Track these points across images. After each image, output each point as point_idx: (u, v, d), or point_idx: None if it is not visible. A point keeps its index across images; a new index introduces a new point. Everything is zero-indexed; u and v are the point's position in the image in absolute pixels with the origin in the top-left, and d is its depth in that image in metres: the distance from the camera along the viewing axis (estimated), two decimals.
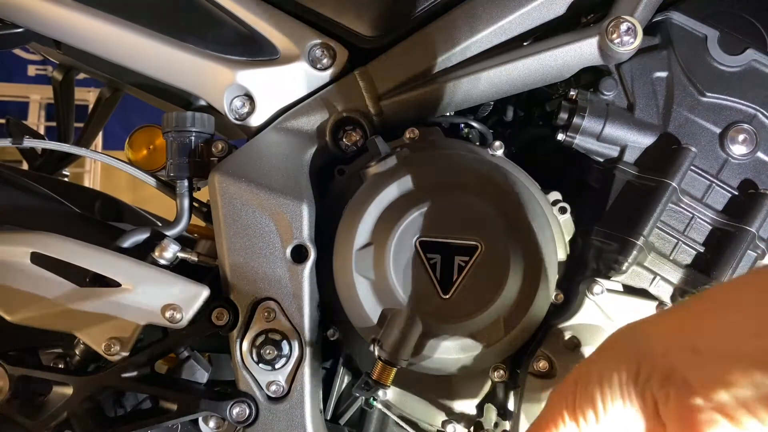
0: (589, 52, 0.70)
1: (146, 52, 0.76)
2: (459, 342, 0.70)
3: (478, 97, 0.74)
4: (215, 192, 0.73)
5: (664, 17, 0.74)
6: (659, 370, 0.39)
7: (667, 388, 0.38)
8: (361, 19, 0.75)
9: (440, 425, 0.77)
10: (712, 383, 0.37)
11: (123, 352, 0.72)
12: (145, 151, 0.97)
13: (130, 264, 0.72)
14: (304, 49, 0.75)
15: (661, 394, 0.38)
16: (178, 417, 0.73)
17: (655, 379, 0.39)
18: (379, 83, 0.74)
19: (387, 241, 0.68)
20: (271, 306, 0.73)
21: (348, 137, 0.75)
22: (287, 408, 0.73)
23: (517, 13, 0.71)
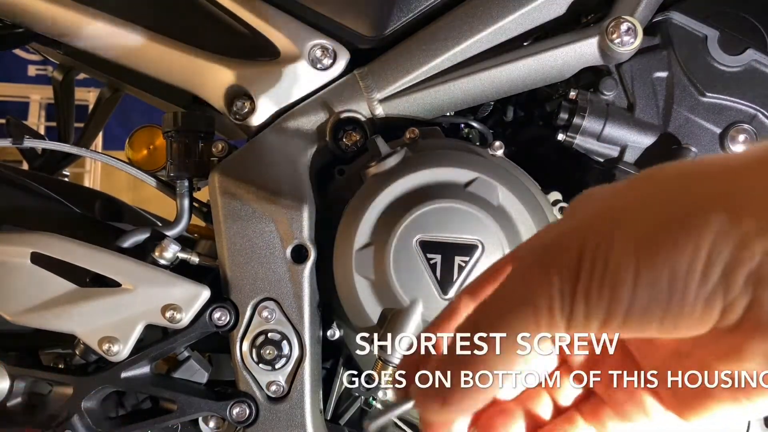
0: (589, 52, 0.70)
1: (146, 52, 0.76)
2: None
3: (478, 97, 0.74)
4: (215, 192, 0.73)
5: (664, 17, 0.74)
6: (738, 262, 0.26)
7: (756, 287, 0.26)
8: (362, 19, 0.75)
9: None
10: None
11: (123, 353, 0.71)
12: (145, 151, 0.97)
13: (130, 264, 0.72)
14: (304, 49, 0.75)
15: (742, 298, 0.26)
16: (178, 417, 0.73)
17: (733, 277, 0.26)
18: (379, 83, 0.74)
19: (387, 241, 0.68)
20: (272, 306, 0.73)
21: (348, 137, 0.75)
22: (287, 408, 0.73)
23: (517, 13, 0.71)
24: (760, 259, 0.26)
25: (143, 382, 0.74)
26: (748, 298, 0.26)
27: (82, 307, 0.71)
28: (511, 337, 0.30)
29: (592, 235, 0.29)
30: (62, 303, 0.71)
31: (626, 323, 0.28)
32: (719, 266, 0.26)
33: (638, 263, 0.27)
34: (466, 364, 0.31)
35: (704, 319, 0.27)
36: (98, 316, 0.71)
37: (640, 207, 0.29)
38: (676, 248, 0.27)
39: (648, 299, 0.27)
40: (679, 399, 0.31)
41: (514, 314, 0.30)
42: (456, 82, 0.72)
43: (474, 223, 0.68)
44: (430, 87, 0.73)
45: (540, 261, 0.30)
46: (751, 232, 0.26)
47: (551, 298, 0.29)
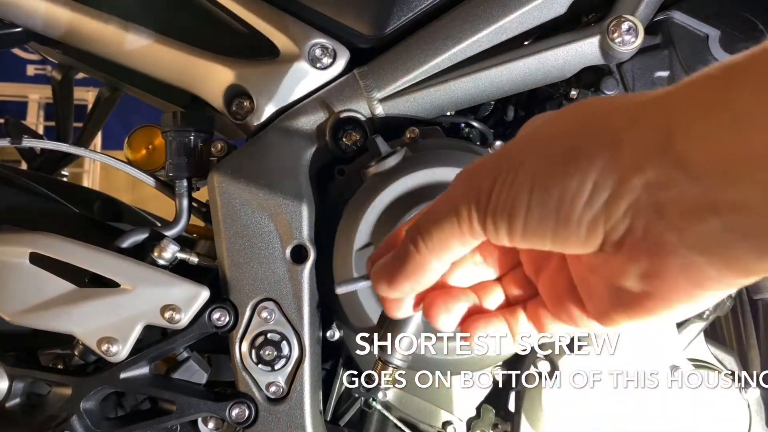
0: (590, 51, 0.70)
1: (145, 52, 0.76)
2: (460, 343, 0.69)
3: (478, 96, 0.74)
4: (214, 192, 0.73)
5: (665, 16, 0.73)
6: (623, 189, 0.30)
7: (633, 216, 0.30)
8: (362, 18, 0.74)
9: (440, 426, 0.77)
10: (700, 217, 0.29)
11: (122, 353, 0.71)
12: (144, 151, 0.97)
13: (129, 264, 0.72)
14: (304, 49, 0.75)
15: (616, 223, 0.31)
16: (178, 418, 0.73)
17: (611, 200, 0.31)
18: (379, 83, 0.74)
19: None
20: (271, 306, 0.72)
21: (348, 137, 0.75)
22: (287, 409, 0.73)
23: (518, 12, 0.71)
24: (638, 193, 0.30)
25: (142, 383, 0.74)
26: (626, 225, 0.31)
27: (80, 308, 0.71)
28: (439, 236, 0.37)
29: (505, 163, 0.35)
30: (61, 303, 0.71)
31: (525, 236, 0.34)
32: (603, 196, 0.31)
33: (533, 186, 0.32)
34: (405, 254, 0.39)
35: (589, 238, 0.32)
36: (97, 316, 0.71)
37: (547, 140, 0.34)
38: (565, 177, 0.31)
39: (539, 216, 0.32)
40: (595, 311, 0.37)
41: (443, 220, 0.37)
42: (456, 82, 0.72)
43: None
44: (431, 86, 0.73)
45: (467, 181, 0.37)
46: (629, 169, 0.30)
47: (469, 211, 0.36)
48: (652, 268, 0.31)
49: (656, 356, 0.74)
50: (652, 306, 0.33)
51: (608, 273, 0.34)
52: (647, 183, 0.30)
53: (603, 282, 0.34)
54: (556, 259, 0.39)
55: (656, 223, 0.30)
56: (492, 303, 0.42)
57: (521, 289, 0.42)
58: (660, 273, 0.31)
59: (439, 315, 0.41)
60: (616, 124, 0.31)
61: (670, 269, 0.31)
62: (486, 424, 0.77)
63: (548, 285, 0.40)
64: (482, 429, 0.77)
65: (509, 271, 0.43)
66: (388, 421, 0.79)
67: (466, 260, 0.42)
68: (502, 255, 0.42)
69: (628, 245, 0.31)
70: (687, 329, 0.77)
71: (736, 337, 0.87)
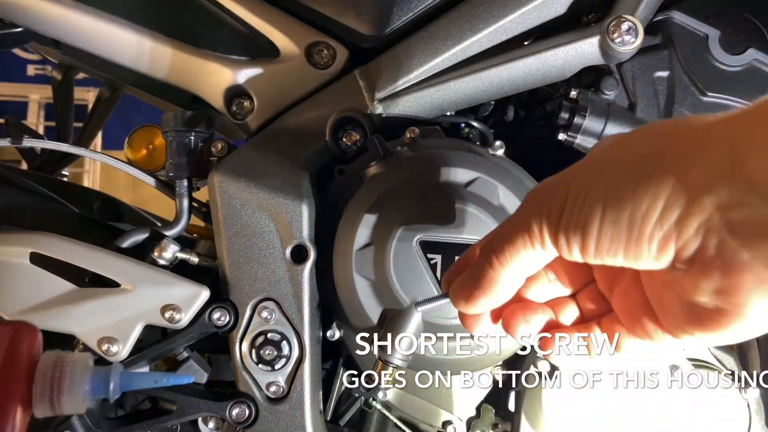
0: (590, 51, 0.70)
1: (146, 52, 0.76)
2: (460, 342, 0.69)
3: (478, 96, 0.74)
4: (215, 192, 0.73)
5: (665, 16, 0.73)
6: (692, 207, 0.31)
7: (705, 235, 0.32)
8: (362, 18, 0.74)
9: (440, 426, 0.77)
10: None
11: (122, 353, 0.71)
12: (145, 151, 0.97)
13: (129, 264, 0.72)
14: (304, 49, 0.75)
15: (690, 241, 0.32)
16: (178, 418, 0.73)
17: (682, 218, 0.32)
18: (379, 83, 0.74)
19: (387, 241, 0.68)
20: (271, 306, 0.72)
21: (348, 137, 0.75)
22: (287, 409, 0.73)
23: (518, 12, 0.71)
24: (709, 213, 0.31)
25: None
26: (698, 243, 0.32)
27: (81, 308, 0.71)
28: (511, 252, 0.39)
29: (576, 182, 0.36)
30: (61, 303, 0.71)
31: (598, 252, 0.35)
32: (674, 215, 0.32)
33: (606, 205, 0.34)
34: (480, 271, 0.41)
35: (661, 255, 0.33)
36: (97, 316, 0.71)
37: (618, 161, 0.35)
38: (636, 196, 0.33)
39: (611, 234, 0.34)
40: (670, 325, 0.38)
41: (515, 236, 0.39)
42: (456, 82, 0.72)
43: (474, 223, 0.68)
44: (431, 86, 0.73)
45: (538, 198, 0.39)
46: (699, 189, 0.31)
47: (541, 228, 0.37)
48: (726, 284, 0.32)
49: (656, 356, 0.74)
50: (727, 321, 0.34)
51: (681, 289, 0.35)
52: (719, 203, 0.31)
53: (677, 297, 0.35)
54: (629, 275, 0.40)
55: (730, 242, 0.31)
56: (567, 318, 0.44)
57: (595, 305, 0.43)
58: (734, 289, 0.32)
59: (518, 326, 0.43)
60: (685, 146, 0.33)
61: (744, 285, 0.32)
62: (486, 424, 0.77)
63: (622, 300, 0.41)
64: (482, 429, 0.77)
65: (583, 287, 0.44)
66: (388, 421, 0.79)
67: (540, 277, 0.44)
68: (576, 272, 0.44)
69: (700, 262, 0.33)
70: None
71: None
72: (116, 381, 0.39)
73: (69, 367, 0.38)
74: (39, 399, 0.37)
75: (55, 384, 0.37)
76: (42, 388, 0.37)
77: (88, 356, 0.40)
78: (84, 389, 0.38)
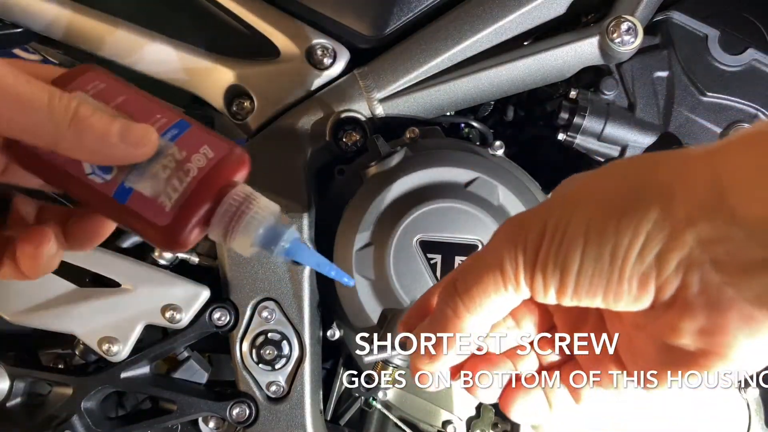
0: (589, 51, 0.70)
1: (146, 52, 0.76)
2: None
3: (478, 96, 0.74)
4: None
5: (664, 17, 0.73)
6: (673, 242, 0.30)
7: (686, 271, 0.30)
8: (362, 18, 0.74)
9: (440, 426, 0.77)
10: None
11: (123, 353, 0.71)
12: None
13: (129, 264, 0.72)
14: (304, 49, 0.75)
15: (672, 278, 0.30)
16: (178, 417, 0.73)
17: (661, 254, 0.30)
18: (379, 83, 0.74)
19: (387, 242, 0.68)
20: (271, 306, 0.73)
21: (348, 137, 0.75)
22: (287, 408, 0.73)
23: (518, 12, 0.71)
24: (690, 248, 0.30)
25: (143, 383, 0.74)
26: (679, 281, 0.30)
27: (81, 308, 0.71)
28: (479, 294, 0.35)
29: (554, 216, 0.33)
30: (62, 303, 0.71)
31: (576, 292, 0.32)
32: (654, 250, 0.30)
33: (586, 241, 0.31)
34: (443, 319, 0.37)
35: (640, 295, 0.31)
36: (98, 316, 0.71)
37: (599, 194, 0.33)
38: (617, 232, 0.31)
39: (592, 272, 0.31)
40: (639, 372, 0.35)
41: (484, 276, 0.35)
42: (456, 82, 0.72)
43: (474, 223, 0.68)
44: (431, 86, 0.73)
45: (511, 234, 0.34)
46: (682, 222, 0.30)
47: (516, 266, 0.34)
48: (711, 323, 0.30)
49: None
50: (709, 363, 0.32)
51: (658, 331, 0.32)
52: (701, 238, 0.29)
53: (651, 340, 0.33)
54: (593, 318, 0.38)
55: (713, 278, 0.29)
56: (527, 369, 0.40)
57: (556, 353, 0.40)
58: (719, 328, 0.30)
59: (483, 382, 0.39)
60: (667, 179, 0.31)
61: (730, 324, 0.30)
62: (486, 424, 0.77)
63: (585, 347, 0.38)
64: (482, 429, 0.77)
65: (542, 333, 0.41)
66: (388, 421, 0.79)
67: (498, 324, 0.39)
68: (537, 317, 0.40)
69: (681, 301, 0.30)
70: None
71: None
72: (285, 244, 0.39)
73: (255, 207, 0.39)
74: (217, 222, 0.38)
75: (236, 215, 0.38)
76: (224, 214, 0.38)
77: (276, 209, 0.40)
78: (257, 233, 0.38)
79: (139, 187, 0.37)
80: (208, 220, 0.38)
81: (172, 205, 0.37)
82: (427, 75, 0.73)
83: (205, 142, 0.39)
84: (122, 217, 0.38)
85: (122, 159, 0.36)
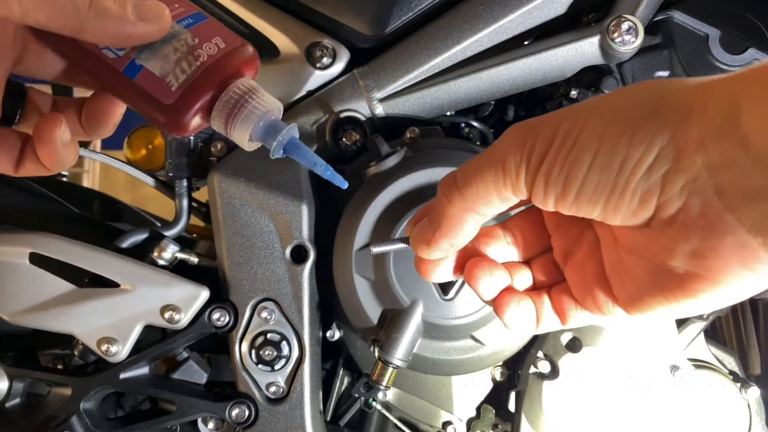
0: (590, 51, 0.70)
1: None
2: (460, 343, 0.69)
3: (478, 96, 0.73)
4: (214, 192, 0.73)
5: (665, 16, 0.73)
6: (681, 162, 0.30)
7: (690, 194, 0.31)
8: (362, 18, 0.74)
9: (440, 426, 0.77)
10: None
11: (122, 353, 0.71)
12: (144, 151, 0.97)
13: (128, 264, 0.72)
14: (304, 49, 0.75)
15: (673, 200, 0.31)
16: (177, 418, 0.73)
17: (668, 174, 0.31)
18: (379, 82, 0.74)
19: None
20: (271, 307, 0.72)
21: (348, 137, 0.75)
22: (287, 409, 0.73)
23: (518, 12, 0.71)
24: (697, 171, 0.30)
25: (142, 383, 0.74)
26: (681, 203, 0.31)
27: (80, 308, 0.70)
28: (478, 186, 0.36)
29: (567, 123, 0.33)
30: (61, 303, 0.71)
31: (577, 200, 0.33)
32: (663, 168, 0.31)
33: (598, 149, 0.32)
34: (440, 208, 0.38)
35: (640, 210, 0.32)
36: (97, 316, 0.71)
37: (617, 107, 0.33)
38: (631, 144, 0.31)
39: (597, 180, 0.32)
40: (624, 298, 0.36)
41: (486, 170, 0.36)
42: (456, 82, 0.72)
43: None
44: (431, 86, 0.73)
45: (520, 136, 0.35)
46: (693, 145, 0.30)
47: (519, 166, 0.35)
48: (704, 246, 0.31)
49: (656, 356, 0.74)
50: (696, 288, 0.32)
51: (652, 252, 0.33)
52: (709, 162, 0.30)
53: (643, 263, 0.34)
54: (587, 244, 0.39)
55: (715, 202, 0.30)
56: (520, 284, 0.42)
57: (548, 275, 0.42)
58: (712, 252, 0.31)
59: (482, 277, 0.40)
60: (685, 102, 0.31)
61: (724, 249, 0.31)
62: (486, 424, 0.77)
63: (577, 270, 0.40)
64: (482, 429, 0.77)
65: (538, 255, 0.43)
66: (388, 421, 0.79)
67: (497, 238, 0.42)
68: (534, 237, 0.42)
69: (680, 222, 0.31)
70: (687, 329, 0.77)
71: (736, 337, 0.87)
72: (283, 140, 0.40)
73: (257, 99, 0.40)
74: (219, 110, 0.39)
75: (237, 105, 0.39)
76: (226, 102, 0.39)
77: (278, 104, 0.41)
78: (257, 126, 0.40)
79: (150, 65, 0.39)
80: (211, 107, 0.39)
81: (179, 85, 0.38)
82: (427, 75, 0.73)
83: (219, 34, 0.40)
84: (130, 94, 0.40)
85: (139, 37, 0.39)
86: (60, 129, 0.41)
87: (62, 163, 0.43)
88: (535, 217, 0.43)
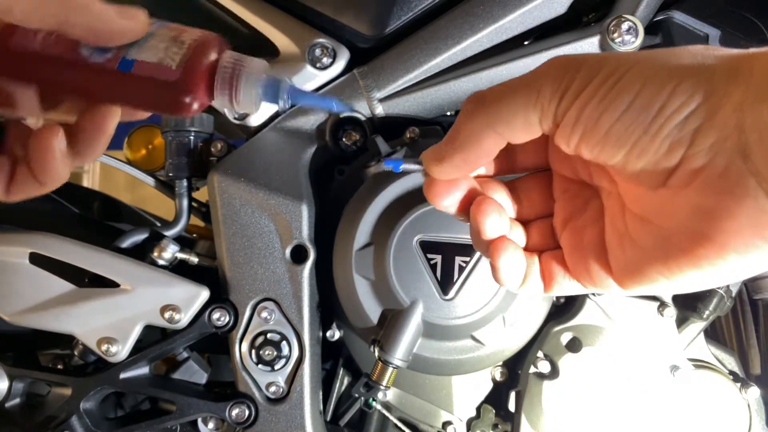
0: (590, 51, 0.70)
1: None
2: (460, 343, 0.69)
3: None
4: (214, 192, 0.73)
5: (665, 16, 0.73)
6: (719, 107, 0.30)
7: (717, 154, 0.31)
8: (362, 18, 0.74)
9: (440, 426, 0.77)
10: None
11: (122, 353, 0.71)
12: (144, 151, 0.97)
13: (128, 264, 0.72)
14: (304, 49, 0.74)
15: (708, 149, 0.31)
16: (177, 418, 0.73)
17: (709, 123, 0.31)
18: (379, 82, 0.74)
19: (387, 241, 0.68)
20: (271, 306, 0.72)
21: (348, 137, 0.75)
22: (287, 409, 0.73)
23: (518, 12, 0.71)
24: (729, 132, 0.30)
25: (142, 383, 0.74)
26: (707, 159, 0.31)
27: (80, 308, 0.70)
28: (508, 104, 0.35)
29: (611, 63, 0.33)
30: (61, 303, 0.71)
31: (604, 139, 0.33)
32: (697, 121, 0.31)
33: (640, 90, 0.32)
34: (460, 121, 0.37)
35: (665, 158, 0.32)
36: (97, 316, 0.71)
37: (666, 57, 0.33)
38: (674, 92, 0.31)
39: (632, 121, 0.32)
40: (620, 268, 0.36)
41: (520, 90, 0.35)
42: (456, 82, 0.72)
43: None
44: (431, 86, 0.73)
45: (562, 67, 0.34)
46: (731, 105, 0.30)
47: (554, 92, 0.34)
48: (720, 206, 0.31)
49: (656, 356, 0.74)
50: (702, 254, 0.32)
51: (664, 215, 0.33)
52: (742, 124, 0.30)
53: (651, 230, 0.34)
54: (592, 210, 0.39)
55: (739, 165, 0.30)
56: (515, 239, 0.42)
57: (542, 239, 0.42)
58: (727, 213, 0.31)
59: (491, 213, 0.40)
60: (733, 63, 0.31)
61: (741, 211, 0.31)
62: (486, 424, 0.77)
63: (575, 235, 0.40)
64: (482, 429, 0.77)
65: (536, 219, 0.43)
66: (388, 421, 0.79)
67: (502, 194, 0.42)
68: (538, 198, 0.42)
69: (701, 180, 0.31)
70: (687, 329, 0.77)
71: (736, 337, 0.87)
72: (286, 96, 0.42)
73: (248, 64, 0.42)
74: (220, 87, 0.41)
75: (234, 74, 0.41)
76: (223, 76, 0.41)
77: (265, 63, 0.43)
78: (257, 90, 0.42)
79: (142, 57, 0.40)
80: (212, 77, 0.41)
81: (178, 63, 0.40)
82: (427, 74, 0.73)
83: (187, 29, 0.43)
84: (131, 88, 0.40)
85: (121, 35, 0.40)
86: (57, 138, 0.41)
87: (58, 176, 0.42)
88: (543, 181, 0.43)
